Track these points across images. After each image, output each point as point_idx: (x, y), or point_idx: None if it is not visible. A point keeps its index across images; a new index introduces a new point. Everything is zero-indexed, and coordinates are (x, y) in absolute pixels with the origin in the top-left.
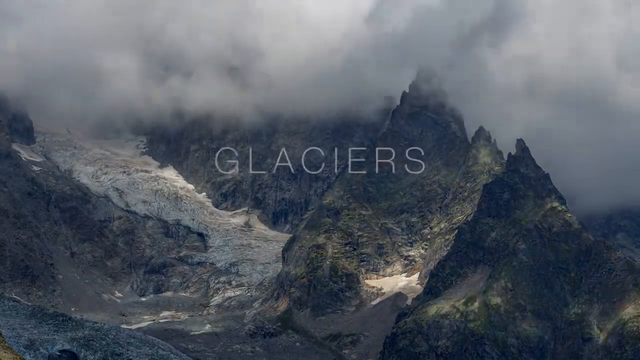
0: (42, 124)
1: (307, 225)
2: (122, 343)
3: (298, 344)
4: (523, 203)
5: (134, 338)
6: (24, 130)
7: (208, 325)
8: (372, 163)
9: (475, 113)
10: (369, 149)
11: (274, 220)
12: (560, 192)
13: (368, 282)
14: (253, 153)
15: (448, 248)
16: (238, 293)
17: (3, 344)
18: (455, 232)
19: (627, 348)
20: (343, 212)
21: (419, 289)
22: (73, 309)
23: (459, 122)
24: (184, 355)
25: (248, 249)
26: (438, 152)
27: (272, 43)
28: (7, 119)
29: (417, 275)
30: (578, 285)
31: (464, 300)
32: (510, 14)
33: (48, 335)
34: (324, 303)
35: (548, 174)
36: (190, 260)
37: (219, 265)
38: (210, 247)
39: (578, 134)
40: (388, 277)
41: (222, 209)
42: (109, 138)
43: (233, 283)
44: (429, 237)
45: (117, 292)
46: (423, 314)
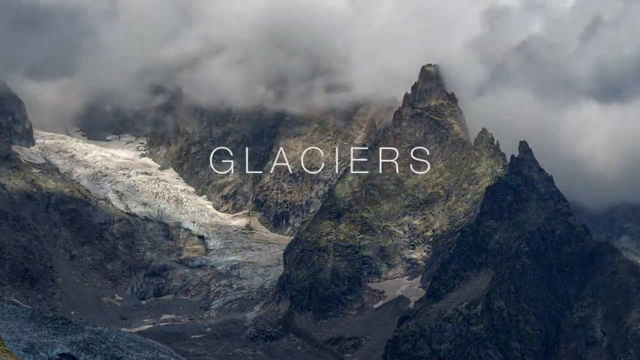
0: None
1: (308, 228)
2: (122, 347)
3: (299, 348)
4: (526, 205)
5: (134, 342)
6: (24, 132)
7: (209, 329)
8: (374, 164)
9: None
10: (371, 151)
11: (275, 223)
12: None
13: (370, 285)
14: (253, 154)
15: (451, 251)
16: (239, 296)
17: (2, 348)
18: (458, 234)
19: (630, 351)
20: (345, 214)
21: (421, 292)
22: (73, 313)
23: (462, 123)
24: (185, 359)
25: (249, 252)
26: (440, 154)
27: None
28: (6, 121)
29: (419, 278)
30: (582, 289)
31: (467, 304)
32: None
33: (47, 339)
34: (326, 306)
35: (551, 176)
36: (191, 263)
37: (220, 268)
38: (211, 250)
39: None
40: (390, 280)
41: (223, 212)
42: (109, 140)
43: (234, 286)
44: (432, 239)
45: (117, 295)
46: (425, 318)
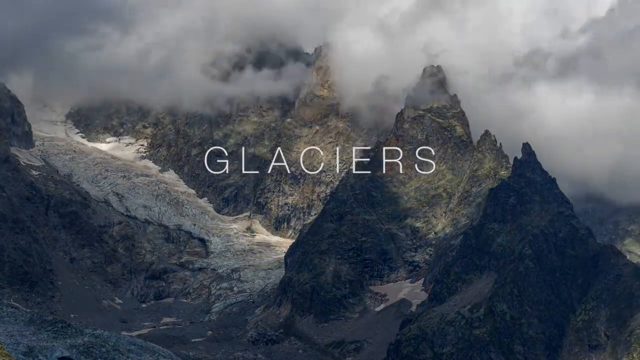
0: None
1: (310, 231)
2: (122, 350)
3: (301, 351)
4: (529, 208)
5: (135, 345)
6: (23, 134)
7: (209, 332)
8: (377, 164)
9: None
10: (373, 153)
11: (277, 226)
12: None
13: (372, 288)
14: (254, 155)
15: (453, 254)
16: (240, 299)
17: (2, 351)
18: (461, 237)
19: (634, 355)
20: (346, 217)
21: (424, 295)
22: (72, 316)
23: (465, 125)
24: None
25: (250, 255)
26: (443, 156)
27: None
28: (5, 123)
29: (421, 281)
30: (585, 292)
31: (470, 307)
32: None
33: (47, 342)
34: (327, 309)
35: (554, 179)
36: (192, 266)
37: (221, 271)
38: (212, 252)
39: None
40: (392, 283)
41: (223, 214)
42: (109, 142)
43: (235, 289)
44: (434, 242)
45: (117, 298)
46: (428, 321)
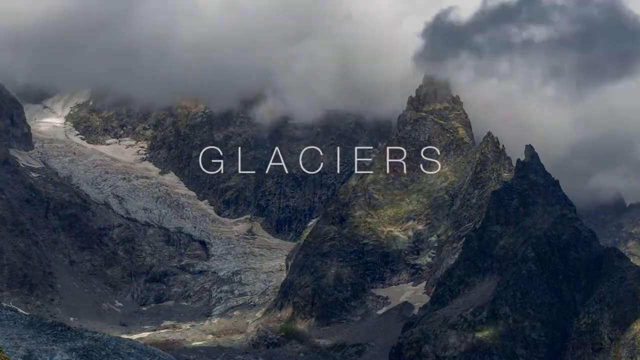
0: None
1: (311, 233)
2: (122, 354)
3: (302, 355)
4: (532, 210)
5: (135, 348)
6: (22, 136)
7: (210, 336)
8: (380, 165)
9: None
10: (376, 154)
11: (278, 228)
12: None
13: (374, 291)
14: (254, 157)
15: (455, 256)
16: (241, 302)
17: (1, 355)
18: (463, 239)
19: (638, 358)
20: (348, 219)
21: (426, 298)
22: (72, 319)
23: (467, 127)
24: None
25: (251, 257)
26: (445, 158)
27: None
28: (4, 125)
29: (424, 284)
30: (588, 295)
31: (472, 310)
32: None
33: (46, 346)
34: (329, 312)
35: (557, 181)
36: (192, 269)
37: (222, 274)
38: (213, 255)
39: None
40: (394, 286)
41: (224, 217)
42: (109, 143)
43: (236, 292)
44: (436, 245)
45: (117, 301)
46: (430, 324)
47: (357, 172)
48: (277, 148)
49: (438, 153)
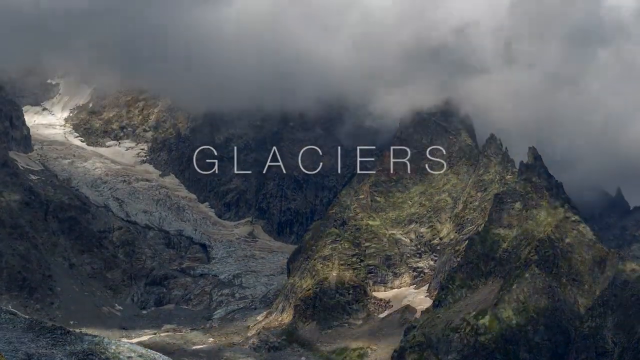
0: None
1: (313, 236)
2: (122, 357)
3: (303, 358)
4: (535, 213)
5: (135, 352)
6: (21, 138)
7: (211, 339)
8: (383, 166)
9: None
10: (378, 157)
11: (279, 231)
12: None
13: (376, 294)
14: (255, 159)
15: (458, 259)
16: (241, 306)
17: (0, 358)
18: (466, 242)
19: None
20: (350, 222)
21: (428, 302)
22: (72, 322)
23: (470, 129)
24: None
25: (252, 260)
26: (448, 160)
27: None
28: (3, 127)
29: (426, 288)
30: (592, 298)
31: (475, 313)
32: None
33: (46, 350)
34: (330, 316)
35: (561, 183)
36: (193, 272)
37: (222, 277)
38: (213, 258)
39: None
40: (396, 289)
41: (225, 219)
42: (109, 146)
43: (236, 295)
44: (439, 248)
45: (117, 304)
46: (432, 328)
47: (359, 172)
48: (274, 147)
49: (444, 152)
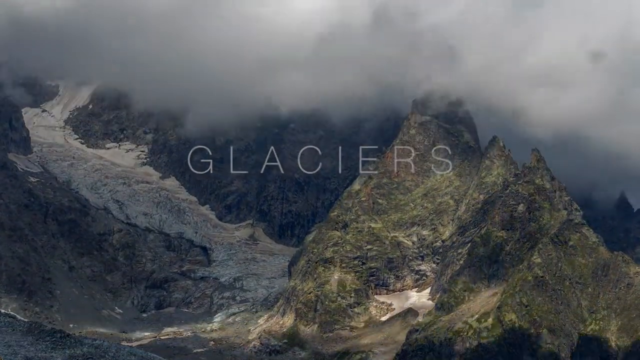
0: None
1: (314, 239)
2: None
3: None
4: (538, 215)
5: (135, 355)
6: (21, 140)
7: (212, 342)
8: (386, 167)
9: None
10: (379, 157)
11: (280, 234)
12: None
13: (377, 297)
14: (256, 162)
15: (460, 262)
16: (242, 309)
17: None
18: (468, 245)
19: None
20: (351, 224)
21: (430, 305)
22: (71, 326)
23: (472, 131)
24: None
25: (253, 263)
26: (450, 162)
27: None
28: (3, 129)
29: (428, 291)
30: (596, 301)
31: (477, 317)
32: None
33: (45, 353)
34: (332, 319)
35: (564, 186)
36: (193, 275)
37: (223, 280)
38: (214, 261)
39: None
40: (398, 292)
41: (226, 222)
42: (109, 147)
43: (237, 298)
44: (441, 250)
45: (117, 307)
46: (434, 331)
47: (361, 172)
48: (272, 147)
49: (450, 152)
